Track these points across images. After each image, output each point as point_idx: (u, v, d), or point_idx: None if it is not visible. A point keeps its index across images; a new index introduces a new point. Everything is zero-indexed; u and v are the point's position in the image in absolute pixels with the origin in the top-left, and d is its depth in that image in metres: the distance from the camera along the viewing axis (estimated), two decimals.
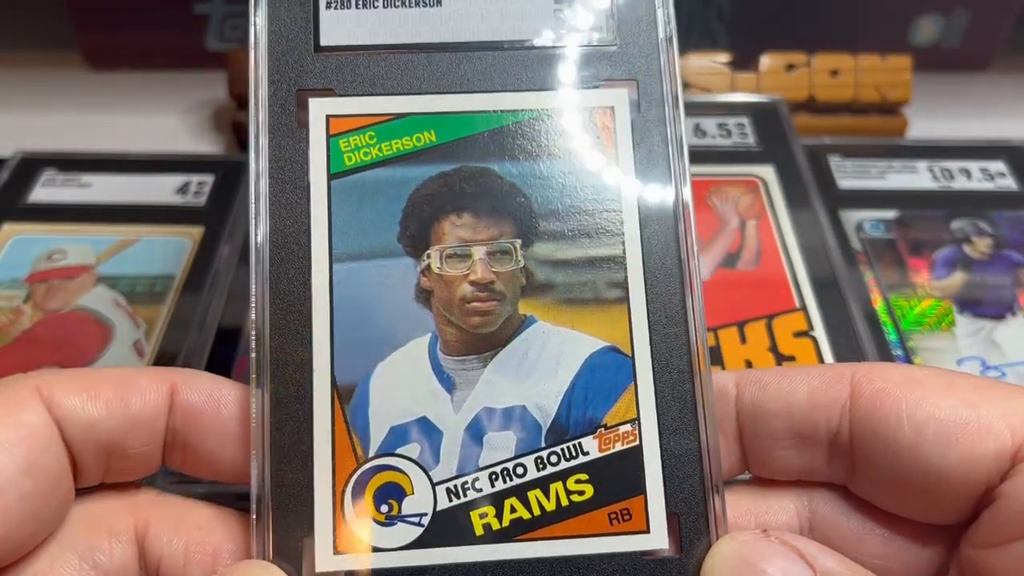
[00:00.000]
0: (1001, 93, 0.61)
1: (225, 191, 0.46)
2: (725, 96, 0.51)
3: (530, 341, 0.24)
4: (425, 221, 0.24)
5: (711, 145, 0.47)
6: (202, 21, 0.60)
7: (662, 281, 0.24)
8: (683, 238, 0.24)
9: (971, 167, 0.48)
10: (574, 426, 0.23)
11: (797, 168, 0.46)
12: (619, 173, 0.25)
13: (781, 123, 0.49)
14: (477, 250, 0.24)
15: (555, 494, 0.23)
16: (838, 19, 0.59)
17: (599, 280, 0.24)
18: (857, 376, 0.22)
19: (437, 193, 0.24)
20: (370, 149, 0.24)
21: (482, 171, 0.25)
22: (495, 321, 0.24)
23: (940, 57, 0.61)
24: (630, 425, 0.23)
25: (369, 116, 0.25)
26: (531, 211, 0.24)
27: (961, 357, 0.39)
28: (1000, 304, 0.41)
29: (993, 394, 0.21)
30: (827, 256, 0.41)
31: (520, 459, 0.23)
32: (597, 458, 0.23)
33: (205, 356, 0.38)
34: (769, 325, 0.38)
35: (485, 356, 0.24)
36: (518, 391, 0.23)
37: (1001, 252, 0.43)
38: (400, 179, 0.24)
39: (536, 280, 0.24)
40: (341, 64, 0.25)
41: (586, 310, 0.24)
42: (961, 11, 0.59)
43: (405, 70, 0.25)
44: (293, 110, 0.24)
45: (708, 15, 0.60)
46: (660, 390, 0.23)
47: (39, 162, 0.47)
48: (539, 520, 0.22)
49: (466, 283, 0.24)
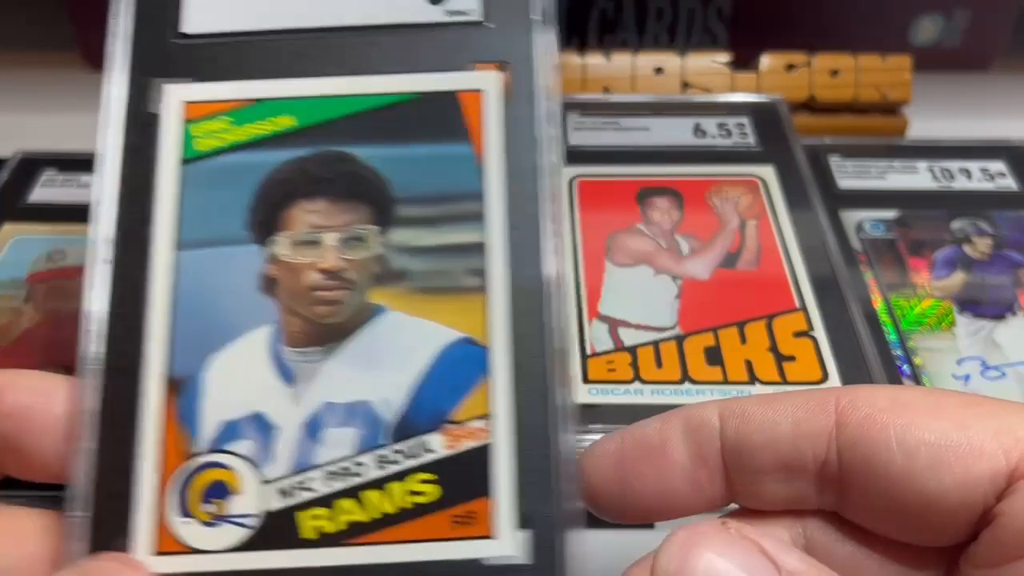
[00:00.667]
0: (1002, 93, 0.61)
1: None
2: (725, 96, 0.51)
3: (379, 332, 0.23)
4: (276, 207, 0.23)
5: (711, 145, 0.47)
6: None
7: (524, 272, 0.23)
8: (545, 228, 0.23)
9: (971, 167, 0.48)
10: (421, 422, 0.22)
11: (797, 168, 0.46)
12: (484, 159, 0.24)
13: (781, 123, 0.49)
14: (329, 236, 0.23)
15: (396, 495, 0.21)
16: (838, 19, 0.59)
17: (457, 268, 0.23)
18: (842, 403, 0.21)
19: (290, 178, 0.24)
20: (225, 134, 0.24)
21: (341, 156, 0.24)
22: (343, 311, 0.23)
23: (940, 57, 0.61)
24: (482, 421, 0.22)
25: (226, 102, 0.24)
26: (390, 197, 0.23)
27: (961, 357, 0.39)
28: (1000, 304, 0.41)
29: (983, 412, 0.20)
30: (827, 256, 0.41)
31: (359, 457, 0.21)
32: (443, 457, 0.21)
33: None
34: (769, 325, 0.38)
35: (329, 347, 0.22)
36: (363, 385, 0.22)
37: (1001, 252, 0.43)
38: (255, 164, 0.24)
39: (391, 268, 0.23)
40: (202, 50, 0.24)
41: (443, 299, 0.23)
42: (962, 11, 0.59)
43: (266, 55, 0.24)
44: (147, 96, 0.24)
45: (708, 15, 0.60)
46: (518, 385, 0.22)
47: (39, 162, 0.47)
48: (377, 523, 0.21)
49: (315, 271, 0.23)
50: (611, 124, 0.49)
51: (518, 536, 0.21)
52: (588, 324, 0.38)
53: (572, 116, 0.49)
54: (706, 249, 0.42)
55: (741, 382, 0.36)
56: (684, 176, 0.46)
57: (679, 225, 0.43)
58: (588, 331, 0.38)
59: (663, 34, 0.60)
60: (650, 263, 0.41)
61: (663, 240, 0.42)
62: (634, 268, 0.41)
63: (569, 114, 0.49)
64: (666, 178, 0.46)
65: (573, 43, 0.61)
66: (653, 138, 0.48)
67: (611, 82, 0.52)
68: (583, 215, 0.43)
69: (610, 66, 0.52)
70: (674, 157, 0.47)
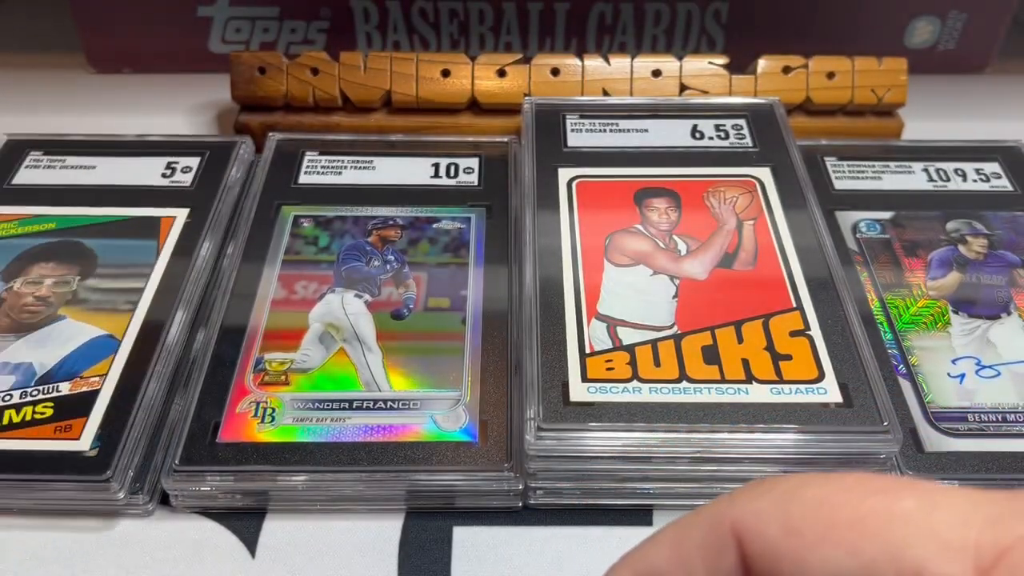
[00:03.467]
0: (996, 95, 0.61)
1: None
2: (722, 98, 0.52)
3: (57, 328, 0.39)
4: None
5: (708, 147, 0.48)
6: (206, 24, 0.60)
7: (161, 298, 0.40)
8: (191, 278, 0.42)
9: (966, 168, 0.49)
10: (59, 376, 0.37)
11: (794, 169, 0.46)
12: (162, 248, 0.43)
13: (778, 125, 0.49)
14: (48, 279, 0.42)
15: (26, 413, 0.36)
16: (834, 22, 0.60)
17: (119, 299, 0.41)
18: (738, 532, 0.20)
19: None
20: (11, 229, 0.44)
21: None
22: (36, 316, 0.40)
23: (936, 60, 0.62)
24: (99, 378, 0.37)
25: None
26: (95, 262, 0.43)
27: (956, 356, 0.39)
28: (995, 304, 0.41)
29: (878, 529, 0.19)
30: (823, 256, 0.41)
31: (11, 391, 0.37)
32: (67, 394, 0.36)
33: (209, 354, 0.38)
34: (766, 324, 0.38)
35: (20, 335, 0.39)
36: (31, 353, 0.38)
37: (996, 252, 0.44)
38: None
39: (78, 296, 0.41)
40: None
41: (103, 314, 0.40)
42: (957, 14, 0.60)
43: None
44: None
45: (705, 18, 0.60)
46: (130, 359, 0.38)
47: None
48: (6, 427, 0.36)
49: (30, 296, 0.41)
50: (610, 126, 0.49)
51: (94, 442, 0.35)
52: (587, 324, 0.38)
53: (571, 118, 0.50)
54: (704, 249, 0.42)
55: (738, 380, 0.36)
56: (682, 177, 0.46)
57: (677, 225, 0.44)
58: (587, 330, 0.38)
59: (661, 37, 0.61)
60: (648, 263, 0.42)
61: (661, 240, 0.43)
62: (632, 268, 0.41)
63: (568, 116, 0.50)
64: (664, 179, 0.46)
65: (572, 46, 0.61)
66: (651, 140, 0.49)
67: (610, 84, 0.52)
68: (582, 215, 0.44)
69: (609, 69, 0.53)
70: (672, 159, 0.47)
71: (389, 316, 0.40)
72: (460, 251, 0.43)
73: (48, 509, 0.35)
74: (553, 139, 0.48)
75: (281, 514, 0.35)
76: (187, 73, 0.61)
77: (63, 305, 0.40)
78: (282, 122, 0.53)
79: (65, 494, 0.34)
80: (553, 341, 0.37)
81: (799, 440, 0.34)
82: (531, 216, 0.43)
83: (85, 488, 0.34)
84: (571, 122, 0.49)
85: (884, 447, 0.34)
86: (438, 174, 0.48)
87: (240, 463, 0.34)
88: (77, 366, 0.37)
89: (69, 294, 0.41)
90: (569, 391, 0.35)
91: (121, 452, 0.34)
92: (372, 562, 0.34)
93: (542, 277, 0.40)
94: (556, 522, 0.35)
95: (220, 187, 0.47)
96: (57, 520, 0.35)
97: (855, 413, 0.35)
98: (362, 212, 0.45)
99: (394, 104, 0.53)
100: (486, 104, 0.53)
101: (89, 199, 0.46)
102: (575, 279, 0.40)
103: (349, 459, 0.34)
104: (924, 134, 0.53)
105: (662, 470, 0.35)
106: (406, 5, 0.59)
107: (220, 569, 0.34)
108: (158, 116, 0.57)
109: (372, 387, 0.37)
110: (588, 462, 0.35)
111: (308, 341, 0.39)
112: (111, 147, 0.49)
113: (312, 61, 0.52)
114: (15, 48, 0.65)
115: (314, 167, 0.48)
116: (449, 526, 0.35)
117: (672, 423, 0.34)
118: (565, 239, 0.42)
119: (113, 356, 0.38)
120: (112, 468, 0.34)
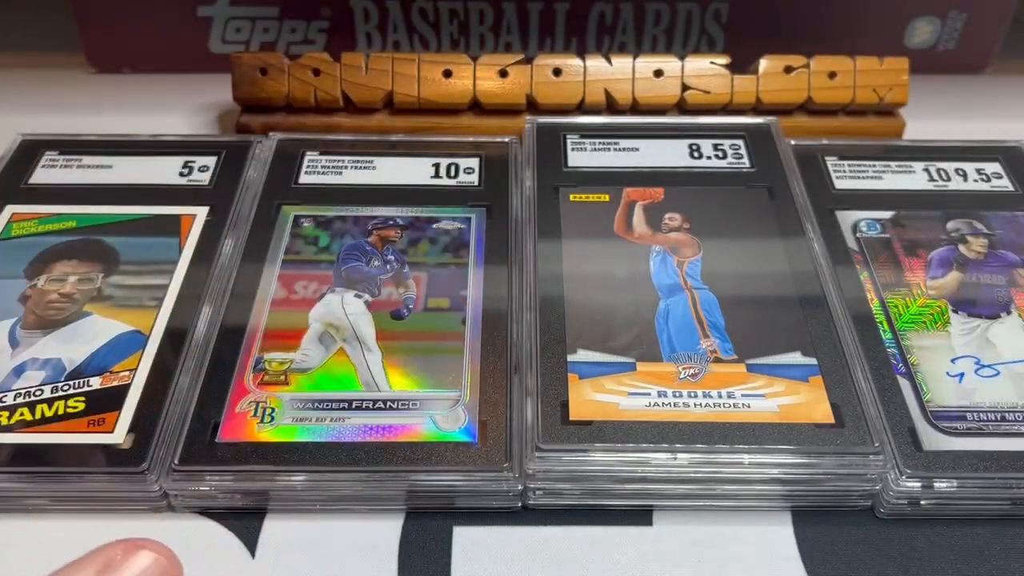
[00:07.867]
0: (997, 95, 0.61)
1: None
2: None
3: (85, 325, 0.40)
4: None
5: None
6: (206, 24, 0.60)
7: (186, 294, 0.41)
8: (215, 274, 0.42)
9: (967, 168, 0.49)
10: (89, 371, 0.38)
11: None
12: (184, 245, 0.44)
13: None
14: (71, 276, 0.42)
15: (58, 407, 0.36)
16: (834, 22, 0.60)
17: (144, 295, 0.41)
18: None
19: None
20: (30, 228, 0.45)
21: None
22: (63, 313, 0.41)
23: (936, 60, 0.62)
24: (129, 372, 0.37)
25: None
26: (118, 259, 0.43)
27: (956, 356, 0.39)
28: (995, 304, 0.41)
29: None
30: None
31: (42, 386, 0.37)
32: (98, 389, 0.37)
33: (208, 354, 0.38)
34: None
35: (47, 331, 0.40)
36: (60, 349, 0.39)
37: (996, 252, 0.44)
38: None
39: (103, 293, 0.41)
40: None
41: (129, 311, 0.41)
42: (957, 14, 0.60)
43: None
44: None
45: (706, 18, 0.60)
46: (159, 354, 0.38)
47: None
48: (39, 421, 0.36)
49: (55, 293, 0.41)
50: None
51: (128, 435, 0.35)
52: None
53: (571, 138, 0.50)
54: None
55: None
56: None
57: None
58: None
59: (661, 37, 0.61)
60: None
61: None
62: None
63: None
64: None
65: (572, 46, 0.61)
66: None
67: (612, 84, 0.52)
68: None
69: (611, 69, 0.53)
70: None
71: (389, 316, 0.40)
72: (460, 251, 0.43)
73: (67, 506, 0.35)
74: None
75: (281, 514, 0.35)
76: (187, 73, 0.61)
77: (88, 302, 0.41)
78: (283, 123, 0.53)
79: (94, 486, 0.35)
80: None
81: (791, 462, 0.34)
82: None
83: (121, 479, 0.34)
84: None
85: (875, 469, 0.34)
86: (438, 174, 0.48)
87: (240, 463, 0.34)
88: (107, 361, 0.38)
89: (94, 291, 0.41)
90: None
91: (156, 444, 0.35)
92: (372, 562, 0.34)
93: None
94: (555, 522, 0.35)
95: (239, 185, 0.47)
96: (57, 520, 0.35)
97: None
98: (362, 212, 0.46)
99: (396, 105, 0.53)
100: (488, 104, 0.53)
101: (109, 198, 0.46)
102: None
103: (349, 459, 0.35)
104: (925, 134, 0.53)
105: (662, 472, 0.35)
106: (406, 5, 0.59)
107: (220, 569, 0.34)
108: (159, 116, 0.57)
109: (372, 387, 0.37)
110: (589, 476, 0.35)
111: (308, 341, 0.39)
112: (126, 147, 0.50)
113: (314, 62, 0.52)
114: (15, 48, 0.65)
115: (314, 167, 0.48)
116: (449, 526, 0.35)
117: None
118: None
119: (141, 351, 0.38)
120: (148, 459, 0.34)
